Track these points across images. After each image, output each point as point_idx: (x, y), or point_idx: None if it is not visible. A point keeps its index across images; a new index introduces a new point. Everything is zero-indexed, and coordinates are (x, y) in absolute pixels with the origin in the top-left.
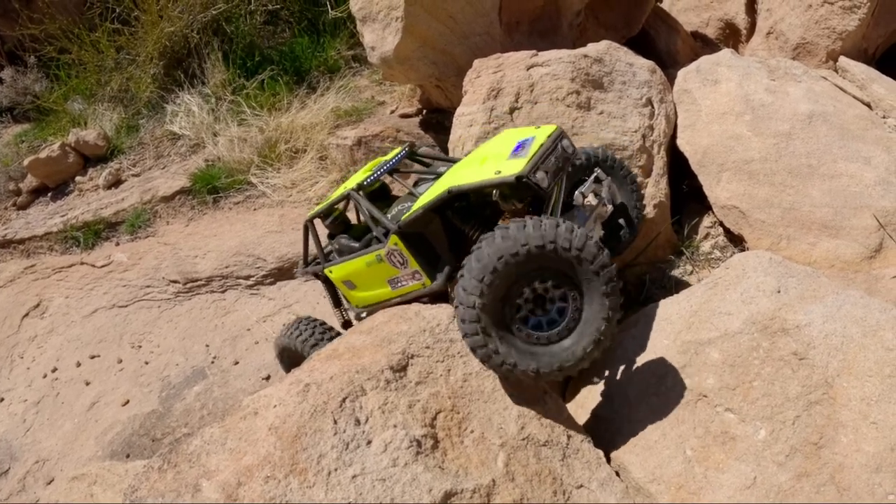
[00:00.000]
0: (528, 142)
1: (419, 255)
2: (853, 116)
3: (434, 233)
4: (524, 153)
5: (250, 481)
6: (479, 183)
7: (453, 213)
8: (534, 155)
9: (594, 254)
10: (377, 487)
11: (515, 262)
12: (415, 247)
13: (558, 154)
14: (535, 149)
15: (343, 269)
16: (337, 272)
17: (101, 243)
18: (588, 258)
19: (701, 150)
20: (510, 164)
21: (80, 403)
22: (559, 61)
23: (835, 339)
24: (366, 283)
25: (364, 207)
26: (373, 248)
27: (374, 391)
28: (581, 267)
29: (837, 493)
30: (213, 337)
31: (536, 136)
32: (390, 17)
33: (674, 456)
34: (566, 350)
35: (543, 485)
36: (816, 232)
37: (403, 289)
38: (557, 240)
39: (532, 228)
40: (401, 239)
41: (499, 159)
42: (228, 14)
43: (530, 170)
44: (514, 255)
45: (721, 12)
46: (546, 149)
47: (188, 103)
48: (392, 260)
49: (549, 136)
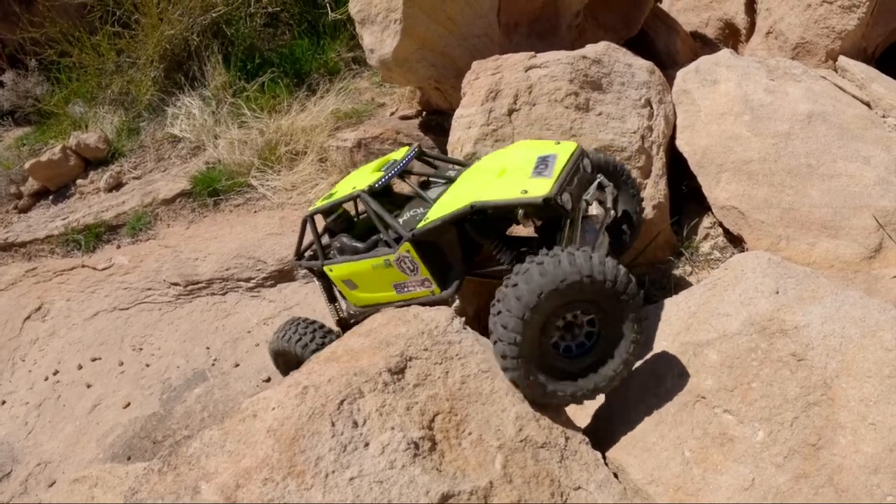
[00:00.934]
0: (551, 160)
1: (431, 264)
2: (853, 116)
3: (448, 243)
4: (548, 173)
5: (249, 483)
6: (505, 202)
7: (471, 226)
8: (559, 176)
9: (626, 284)
10: (375, 489)
11: (554, 297)
12: (427, 256)
13: (581, 176)
14: (559, 169)
15: (345, 269)
16: (338, 271)
17: (102, 246)
18: (621, 288)
19: (700, 150)
20: (536, 184)
21: (82, 406)
22: (557, 63)
23: (833, 339)
24: (369, 285)
25: (374, 211)
26: (381, 252)
27: (371, 393)
28: (613, 296)
29: (836, 495)
30: (214, 339)
31: (558, 154)
32: (389, 20)
33: (672, 457)
34: (599, 372)
35: (541, 486)
36: (816, 232)
37: (409, 294)
38: (593, 273)
39: (568, 264)
40: (414, 247)
41: (520, 175)
42: (228, 16)
43: (557, 192)
44: (554, 290)
45: (720, 12)
46: (570, 170)
47: (188, 106)
48: (402, 266)
49: (571, 155)
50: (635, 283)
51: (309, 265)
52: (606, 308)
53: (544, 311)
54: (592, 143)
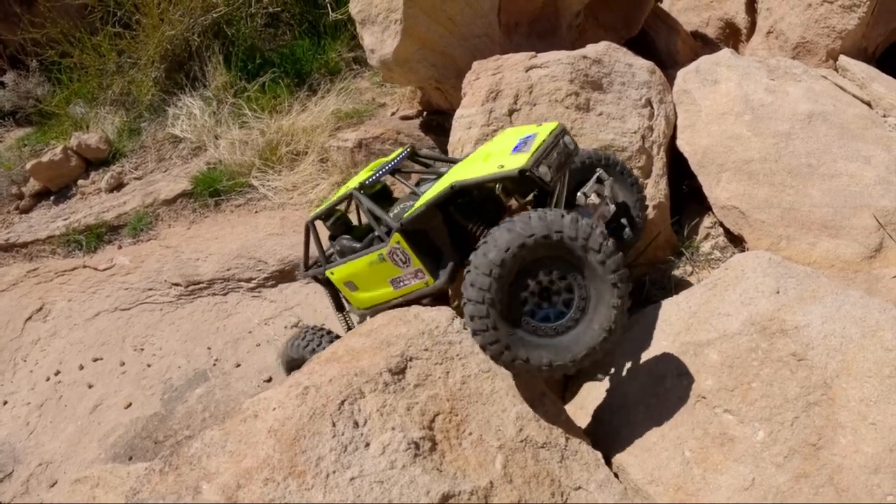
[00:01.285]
0: (531, 138)
1: (422, 253)
2: (853, 115)
3: (436, 230)
4: (526, 148)
5: (250, 483)
6: (482, 177)
7: (456, 209)
8: (536, 150)
9: (600, 242)
10: (375, 489)
11: (522, 253)
12: (417, 245)
13: (560, 150)
14: (537, 144)
15: (344, 270)
16: (338, 273)
17: (104, 246)
18: (594, 247)
19: (700, 150)
20: (513, 159)
21: (83, 406)
22: (558, 63)
23: (834, 339)
24: (367, 283)
25: (366, 206)
26: (374, 248)
27: (372, 394)
28: (587, 256)
29: (836, 495)
30: (215, 339)
31: (538, 132)
32: (389, 20)
33: (672, 457)
34: (577, 341)
35: (541, 486)
36: (816, 232)
37: (406, 288)
38: (564, 229)
39: (537, 220)
40: (403, 237)
41: (501, 155)
42: (229, 17)
43: (533, 164)
44: (521, 246)
45: (721, 12)
46: (548, 144)
47: (189, 106)
48: (394, 258)
49: (550, 133)
50: (612, 243)
51: (313, 273)
52: (581, 270)
53: (513, 268)
54: (593, 143)
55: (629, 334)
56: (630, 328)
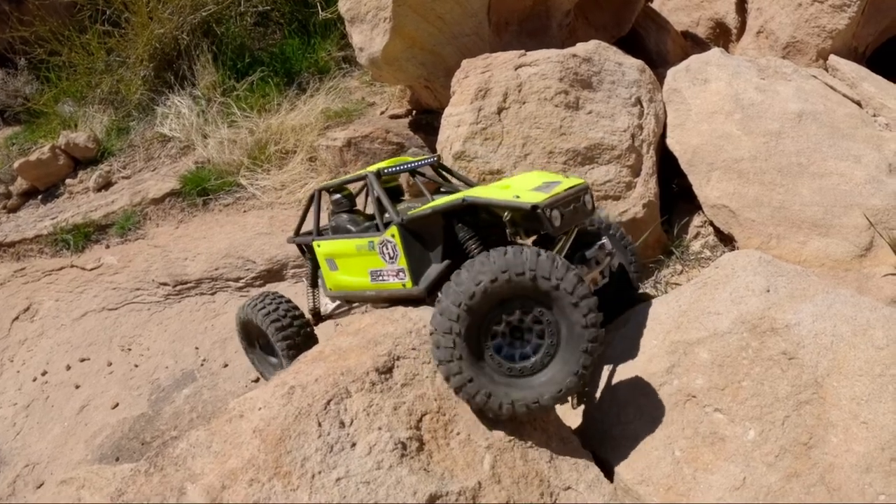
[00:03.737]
0: (554, 184)
1: (411, 254)
2: (843, 115)
3: (433, 237)
4: (547, 190)
5: (234, 484)
6: (495, 200)
7: (459, 223)
8: (555, 194)
9: (573, 284)
10: (361, 490)
11: (494, 288)
12: (410, 245)
13: (578, 205)
14: (558, 190)
15: (332, 247)
16: (325, 248)
17: (91, 246)
18: (567, 288)
19: (690, 149)
20: (530, 195)
21: (70, 407)
22: (547, 61)
23: (824, 338)
24: (349, 267)
25: (376, 191)
26: (368, 234)
27: (359, 393)
28: (560, 297)
29: (828, 494)
30: (203, 339)
31: (563, 182)
32: (378, 18)
33: (662, 457)
34: (544, 383)
35: (530, 487)
36: (806, 231)
37: (382, 284)
38: (538, 269)
39: (513, 255)
40: (400, 232)
41: (520, 189)
42: (219, 16)
43: (547, 204)
44: (493, 280)
45: (711, 11)
46: (569, 195)
47: (178, 105)
48: (383, 251)
49: (574, 186)
50: (586, 287)
51: (301, 240)
52: (554, 312)
53: (483, 303)
54: (583, 142)
55: (619, 333)
56: (620, 327)
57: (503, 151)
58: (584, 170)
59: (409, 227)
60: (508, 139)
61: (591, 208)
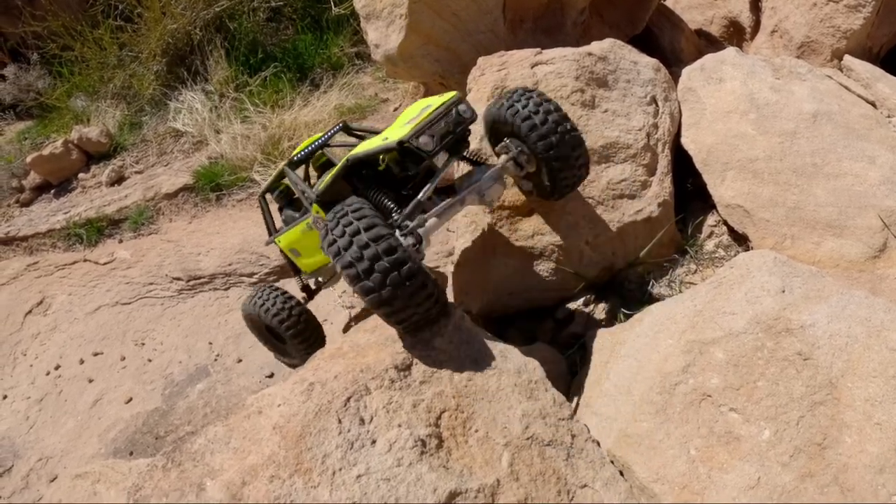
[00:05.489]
0: (425, 110)
1: None
2: (858, 115)
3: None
4: (414, 121)
5: (255, 481)
6: (369, 151)
7: (359, 180)
8: (422, 121)
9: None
10: (382, 487)
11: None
12: None
13: (450, 119)
14: (425, 115)
15: (287, 239)
16: (283, 241)
17: (104, 240)
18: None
19: (705, 148)
20: (397, 132)
21: (84, 401)
22: (563, 59)
23: (839, 339)
24: (306, 249)
25: (292, 180)
26: (304, 217)
27: (378, 390)
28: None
29: (841, 494)
30: (217, 334)
31: (433, 104)
32: (394, 15)
33: (678, 456)
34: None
35: (548, 484)
36: (821, 231)
37: None
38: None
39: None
40: (322, 207)
41: (391, 130)
42: (231, 11)
43: (412, 135)
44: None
45: (725, 10)
46: (438, 114)
47: (191, 100)
48: (319, 226)
49: (444, 103)
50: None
51: (269, 241)
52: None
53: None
54: (598, 140)
55: (634, 332)
56: (635, 326)
57: None
58: (600, 168)
59: (326, 200)
60: None
61: (469, 115)
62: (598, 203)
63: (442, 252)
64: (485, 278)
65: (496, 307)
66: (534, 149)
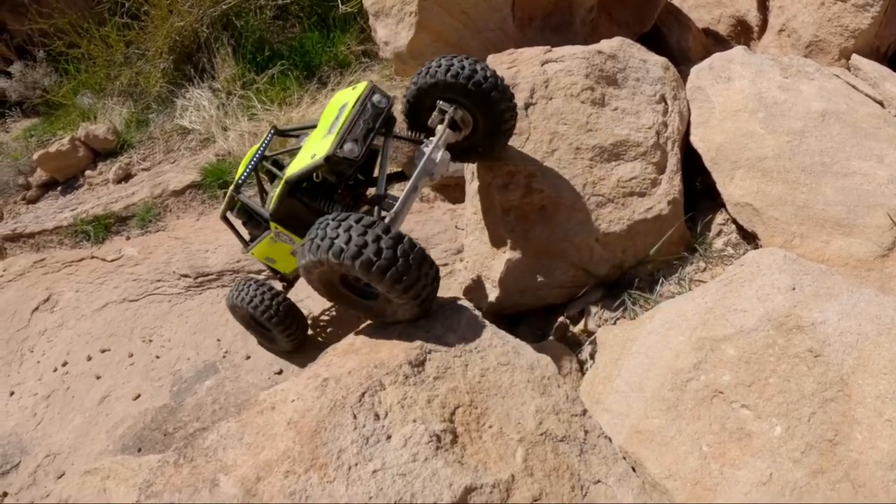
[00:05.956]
0: (342, 110)
1: (298, 231)
2: (866, 115)
3: (300, 212)
4: (334, 128)
5: (270, 476)
6: (301, 171)
7: (302, 193)
8: (341, 128)
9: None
10: (398, 482)
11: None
12: (291, 226)
13: (367, 115)
14: (343, 120)
15: (259, 251)
16: (256, 253)
17: (112, 237)
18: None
19: (714, 147)
20: (322, 145)
21: (91, 397)
22: (573, 57)
23: (850, 336)
24: (278, 257)
25: (245, 204)
26: (266, 233)
27: (392, 386)
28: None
29: (853, 490)
30: (225, 331)
31: (349, 100)
32: (404, 12)
33: (690, 452)
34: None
35: (561, 480)
36: (830, 230)
37: None
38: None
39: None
40: (278, 223)
41: (318, 137)
42: (238, 9)
43: (336, 147)
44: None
45: (732, 9)
46: (355, 114)
47: (198, 98)
48: (282, 239)
49: (357, 99)
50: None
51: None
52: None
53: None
54: (609, 139)
55: (645, 329)
56: (646, 323)
57: (530, 147)
58: (610, 166)
59: (279, 215)
60: (535, 135)
61: (385, 103)
62: (608, 201)
63: (451, 249)
64: (494, 276)
65: (507, 304)
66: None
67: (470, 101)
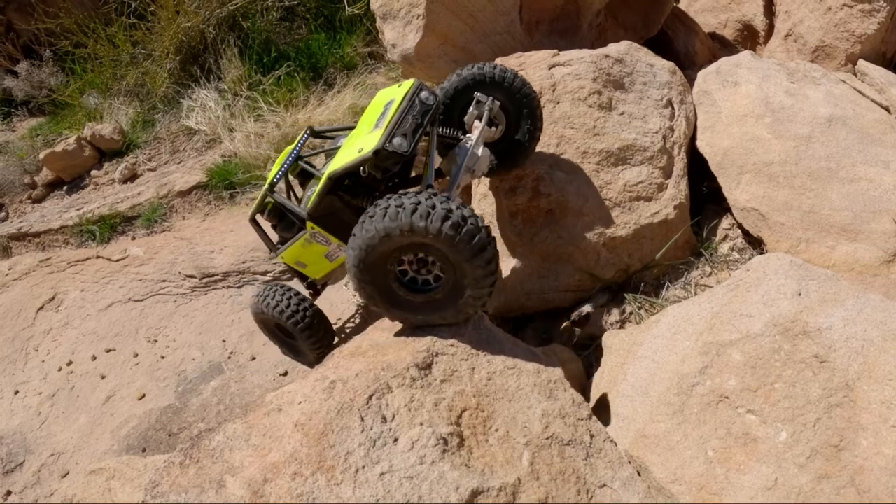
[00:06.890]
0: (389, 106)
1: (336, 232)
2: (872, 120)
3: (340, 210)
4: (382, 123)
5: (277, 478)
6: (348, 164)
7: (344, 191)
8: (389, 122)
9: (451, 235)
10: (405, 485)
11: (381, 246)
12: (329, 226)
13: (416, 110)
14: (391, 115)
15: (290, 254)
16: (286, 257)
17: (117, 237)
18: (448, 235)
19: (721, 151)
20: (370, 139)
21: (96, 397)
22: (581, 61)
23: (855, 342)
24: (310, 260)
25: (280, 202)
26: (300, 234)
27: (399, 389)
28: (444, 244)
29: (857, 496)
30: (230, 332)
31: (396, 97)
32: (411, 15)
33: (695, 456)
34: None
35: (567, 484)
36: (835, 235)
37: (339, 259)
38: (413, 225)
39: (380, 218)
40: (315, 223)
41: (364, 132)
42: (245, 10)
43: (385, 141)
44: (371, 247)
45: (739, 14)
46: (403, 110)
47: (204, 98)
48: (318, 240)
49: (405, 96)
50: (470, 228)
51: (272, 257)
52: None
53: (375, 258)
54: (615, 143)
55: (651, 333)
56: (652, 327)
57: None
58: (616, 170)
59: (318, 213)
60: (543, 138)
61: (432, 100)
62: (614, 205)
63: None
64: (502, 279)
65: (513, 307)
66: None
67: (507, 97)
